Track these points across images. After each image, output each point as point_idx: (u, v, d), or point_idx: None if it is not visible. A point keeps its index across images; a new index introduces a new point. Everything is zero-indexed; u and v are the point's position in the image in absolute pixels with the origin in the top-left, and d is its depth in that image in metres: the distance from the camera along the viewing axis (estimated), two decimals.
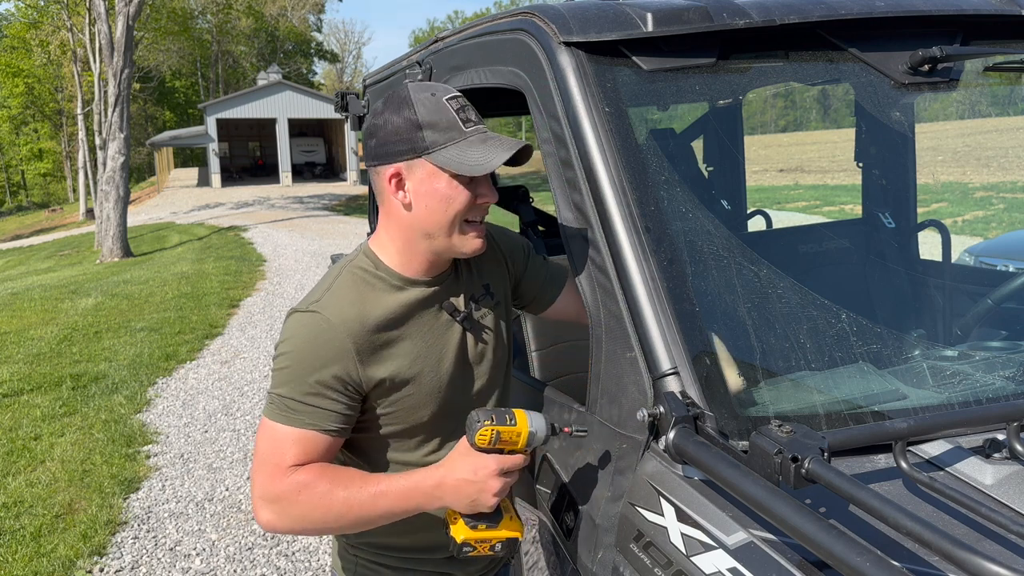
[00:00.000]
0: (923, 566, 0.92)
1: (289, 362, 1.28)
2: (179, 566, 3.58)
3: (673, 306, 1.23)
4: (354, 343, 1.28)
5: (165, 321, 8.80)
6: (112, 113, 16.74)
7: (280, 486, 1.25)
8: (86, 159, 34.81)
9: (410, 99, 1.28)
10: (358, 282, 1.34)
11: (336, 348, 1.27)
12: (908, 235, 2.52)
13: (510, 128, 56.28)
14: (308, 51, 63.49)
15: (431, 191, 1.29)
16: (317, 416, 1.28)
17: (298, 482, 1.25)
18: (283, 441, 1.27)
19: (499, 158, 1.26)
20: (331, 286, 1.34)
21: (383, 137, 1.29)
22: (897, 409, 1.23)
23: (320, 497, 1.24)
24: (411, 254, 1.35)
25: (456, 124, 1.27)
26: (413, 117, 1.27)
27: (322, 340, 1.28)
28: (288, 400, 1.27)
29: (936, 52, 1.46)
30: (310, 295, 1.35)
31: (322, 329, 1.28)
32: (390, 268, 1.35)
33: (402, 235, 1.34)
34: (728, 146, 3.11)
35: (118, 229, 16.84)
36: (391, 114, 1.29)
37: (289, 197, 30.57)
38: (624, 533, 1.20)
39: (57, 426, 5.41)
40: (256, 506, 1.28)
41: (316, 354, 1.27)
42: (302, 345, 1.28)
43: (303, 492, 1.25)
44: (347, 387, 1.29)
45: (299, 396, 1.27)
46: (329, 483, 1.25)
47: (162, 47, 39.40)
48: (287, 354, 1.29)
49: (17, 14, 36.83)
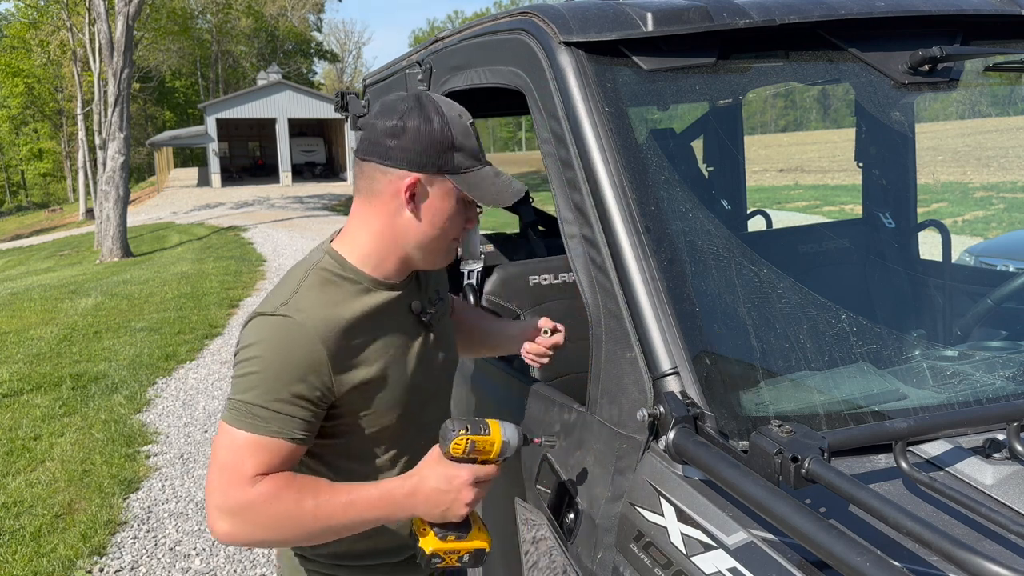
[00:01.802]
0: (923, 566, 0.92)
1: (257, 368, 1.23)
2: (179, 566, 3.58)
3: (673, 306, 1.23)
4: (327, 349, 1.24)
5: (165, 321, 8.80)
6: (112, 113, 16.74)
7: (242, 496, 1.19)
8: (86, 159, 34.80)
9: (443, 114, 1.28)
10: (325, 284, 1.30)
11: (308, 355, 1.23)
12: (908, 235, 2.52)
13: (510, 128, 56.23)
14: (308, 51, 63.49)
15: (441, 209, 1.30)
16: (284, 424, 1.23)
17: (263, 493, 1.19)
18: (244, 449, 1.22)
19: (512, 197, 1.31)
20: (298, 288, 1.29)
21: (411, 143, 1.26)
22: (897, 409, 1.23)
23: (287, 508, 1.19)
24: (387, 257, 1.34)
25: (478, 153, 1.31)
26: (448, 136, 1.27)
27: (294, 347, 1.23)
28: (253, 407, 1.22)
29: (936, 52, 1.46)
30: (273, 297, 1.29)
31: (293, 334, 1.23)
32: (358, 269, 1.33)
33: (387, 239, 1.32)
34: (728, 146, 3.11)
35: (118, 229, 16.84)
36: (422, 122, 1.26)
37: (289, 197, 30.57)
38: (624, 533, 1.20)
39: (57, 426, 5.41)
40: (212, 517, 1.21)
41: (288, 361, 1.22)
42: (272, 352, 1.23)
43: (270, 503, 1.19)
44: (317, 395, 1.25)
45: (266, 403, 1.22)
46: (296, 493, 1.20)
47: (162, 47, 39.39)
48: (254, 359, 1.23)
49: (17, 14, 36.83)
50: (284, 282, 1.33)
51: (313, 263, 1.33)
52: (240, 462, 1.21)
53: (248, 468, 1.21)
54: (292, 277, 1.33)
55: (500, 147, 65.51)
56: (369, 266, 1.33)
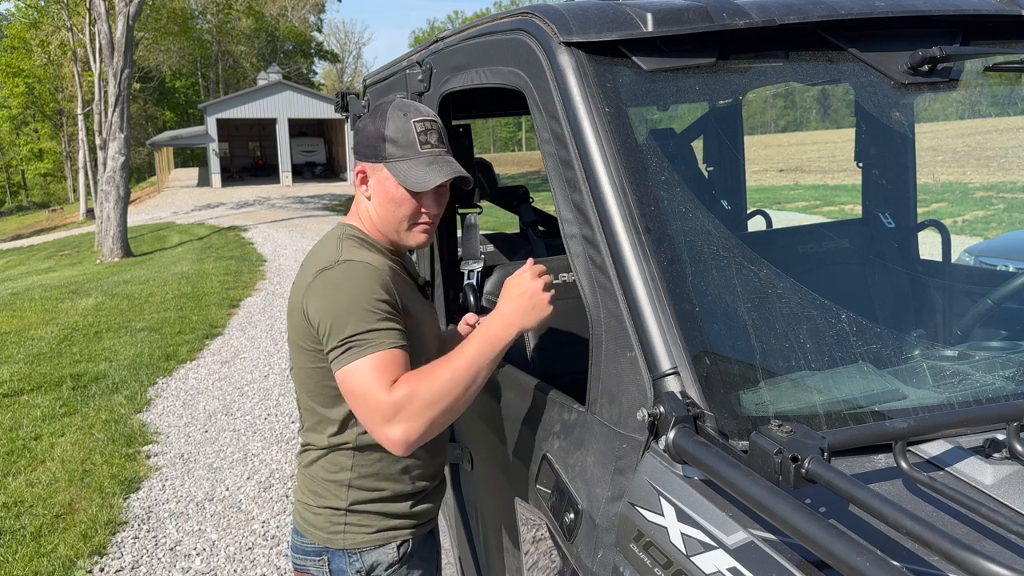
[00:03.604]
0: (923, 566, 0.92)
1: (345, 306, 1.44)
2: (179, 566, 3.58)
3: (673, 306, 1.23)
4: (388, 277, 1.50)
5: (165, 321, 8.80)
6: (112, 113, 16.74)
7: (392, 398, 1.38)
8: (86, 159, 34.81)
9: (385, 114, 1.57)
10: (360, 243, 1.58)
11: (379, 280, 1.48)
12: (908, 235, 2.52)
13: (510, 128, 56.20)
14: (308, 51, 63.51)
15: (384, 192, 1.58)
16: (391, 336, 1.45)
17: (405, 390, 1.39)
18: (372, 371, 1.40)
19: (435, 180, 1.54)
20: (340, 247, 1.55)
21: (359, 139, 1.60)
22: (897, 409, 1.23)
23: (429, 388, 1.39)
24: (376, 232, 1.63)
25: (413, 144, 1.55)
26: (382, 130, 1.56)
27: (364, 277, 1.47)
28: (361, 335, 1.42)
29: (936, 52, 1.46)
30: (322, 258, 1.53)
31: (360, 270, 1.48)
32: (374, 238, 1.62)
33: (368, 218, 1.63)
34: (728, 146, 3.11)
35: (118, 229, 16.84)
36: (369, 121, 1.59)
37: (289, 197, 30.58)
38: (624, 533, 1.20)
39: (57, 426, 5.41)
40: (384, 434, 1.40)
41: (365, 288, 1.45)
42: (349, 289, 1.45)
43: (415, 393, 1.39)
44: (399, 308, 1.50)
45: (369, 326, 1.43)
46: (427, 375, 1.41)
47: (162, 47, 39.41)
48: (339, 301, 1.44)
49: (17, 14, 36.83)
50: (323, 247, 1.59)
51: (341, 233, 1.61)
52: (376, 381, 1.40)
53: (384, 382, 1.40)
54: (329, 244, 1.58)
55: (500, 147, 65.53)
56: (375, 237, 1.62)
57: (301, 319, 1.53)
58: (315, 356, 1.53)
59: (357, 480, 1.61)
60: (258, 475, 4.56)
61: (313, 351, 1.53)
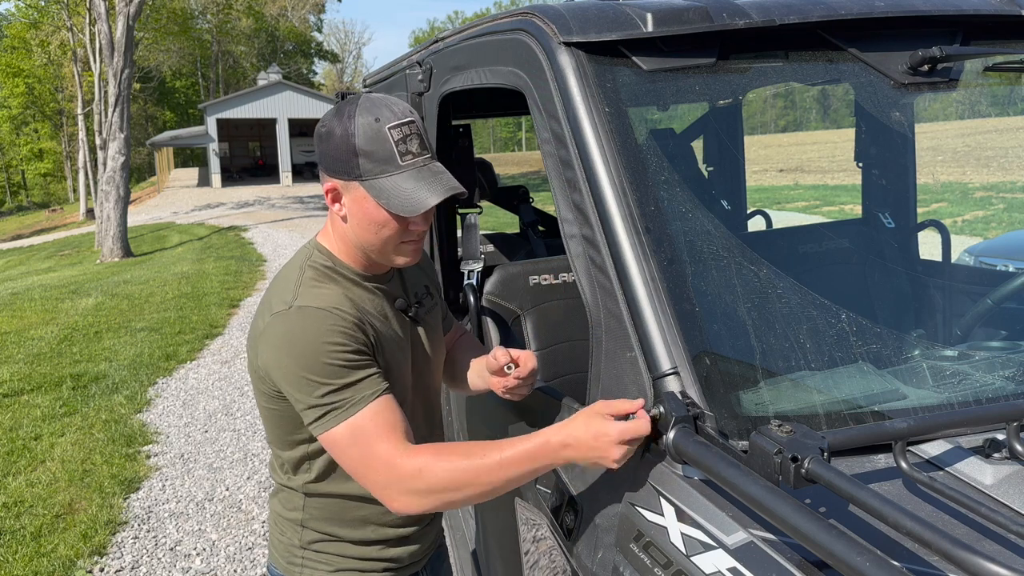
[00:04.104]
0: (923, 566, 0.92)
1: (308, 361, 1.25)
2: (179, 566, 3.58)
3: (673, 306, 1.23)
4: (351, 318, 1.30)
5: (165, 321, 8.80)
6: (112, 113, 16.74)
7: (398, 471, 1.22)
8: (86, 159, 34.81)
9: (353, 119, 1.28)
10: (323, 277, 1.36)
11: (341, 323, 1.28)
12: (908, 235, 2.52)
13: (510, 128, 56.16)
14: (308, 51, 63.52)
15: (362, 213, 1.32)
16: (373, 383, 1.27)
17: (415, 465, 1.22)
18: (365, 429, 1.24)
19: (429, 201, 1.28)
20: (300, 282, 1.33)
21: (325, 148, 1.32)
22: (897, 409, 1.23)
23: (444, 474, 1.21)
24: (353, 255, 1.40)
25: (392, 157, 1.28)
26: (352, 142, 1.27)
27: (326, 323, 1.27)
28: (335, 393, 1.25)
29: (936, 52, 1.46)
30: (278, 297, 1.32)
31: (318, 316, 1.27)
32: (346, 263, 1.39)
33: (343, 239, 1.39)
34: (728, 146, 3.11)
35: (118, 229, 16.84)
36: (336, 124, 1.30)
37: (289, 197, 30.57)
38: (624, 533, 1.20)
39: (57, 426, 5.41)
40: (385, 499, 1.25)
41: (330, 335, 1.26)
42: (310, 338, 1.25)
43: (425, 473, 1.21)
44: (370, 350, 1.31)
45: (345, 381, 1.25)
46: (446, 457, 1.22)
47: (162, 47, 39.43)
48: (297, 357, 1.25)
49: (17, 14, 36.84)
50: (281, 283, 1.36)
51: (304, 260, 1.38)
52: (372, 443, 1.24)
53: (383, 443, 1.23)
54: (288, 276, 1.37)
55: (500, 147, 65.55)
56: (350, 260, 1.40)
57: (257, 367, 1.34)
58: (271, 398, 1.35)
59: (310, 522, 1.47)
60: (258, 475, 4.56)
61: (270, 395, 1.35)
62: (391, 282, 1.46)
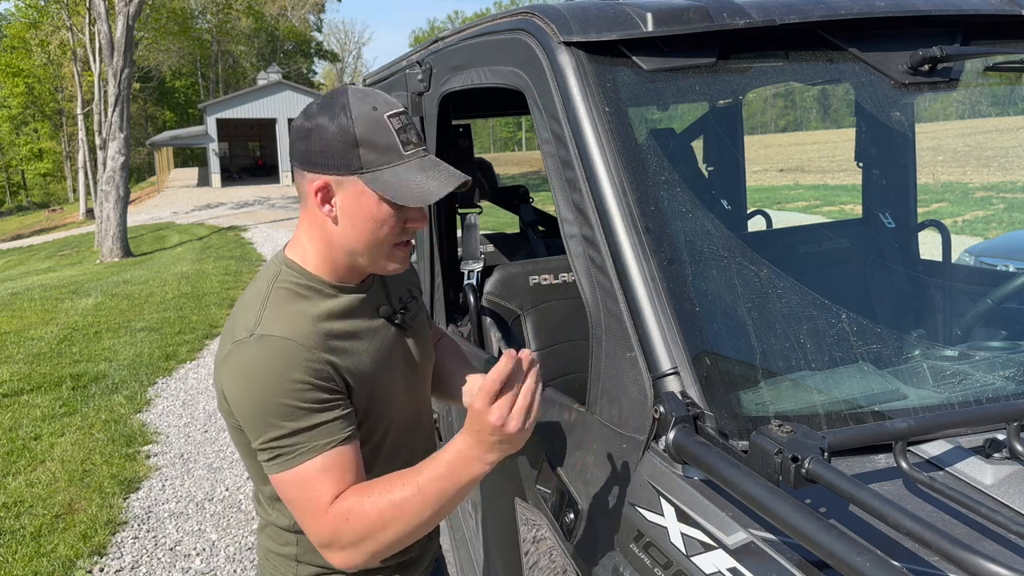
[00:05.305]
0: (923, 566, 0.92)
1: (265, 398, 1.15)
2: (179, 566, 3.58)
3: (673, 306, 1.23)
4: (317, 350, 1.19)
5: (165, 321, 8.80)
6: (112, 113, 16.74)
7: (329, 525, 1.15)
8: (86, 159, 34.81)
9: (349, 110, 1.19)
10: (291, 297, 1.24)
11: (304, 357, 1.17)
12: (908, 235, 2.52)
13: (510, 128, 56.13)
14: (308, 51, 63.54)
15: (360, 210, 1.22)
16: (329, 430, 1.16)
17: (340, 512, 1.14)
18: (310, 480, 1.15)
19: (439, 191, 1.20)
20: (264, 305, 1.22)
21: (315, 145, 1.20)
22: (897, 409, 1.23)
23: (370, 516, 1.13)
24: (335, 263, 1.27)
25: (396, 146, 1.20)
26: (351, 132, 1.18)
27: (286, 358, 1.16)
28: (290, 437, 1.15)
29: (936, 52, 1.46)
30: (241, 323, 1.22)
31: (281, 348, 1.16)
32: (318, 276, 1.27)
33: (325, 245, 1.26)
34: (728, 146, 3.11)
35: (118, 229, 16.84)
36: (326, 120, 1.19)
37: (289, 197, 30.57)
38: (624, 533, 1.20)
39: (57, 426, 5.41)
40: (324, 555, 1.18)
41: (289, 372, 1.15)
42: (270, 373, 1.15)
43: (351, 519, 1.13)
44: (334, 386, 1.19)
45: (298, 425, 1.15)
46: (370, 496, 1.14)
47: (162, 47, 39.45)
48: (255, 393, 1.16)
49: (17, 14, 36.84)
50: (246, 305, 1.25)
51: (272, 278, 1.27)
52: (313, 496, 1.15)
53: (324, 496, 1.15)
54: (253, 297, 1.25)
55: (500, 147, 65.54)
56: (325, 272, 1.28)
57: (219, 394, 1.24)
58: (242, 433, 1.25)
59: (305, 555, 1.37)
60: None
61: (238, 428, 1.25)
62: (371, 289, 1.35)
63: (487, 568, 2.06)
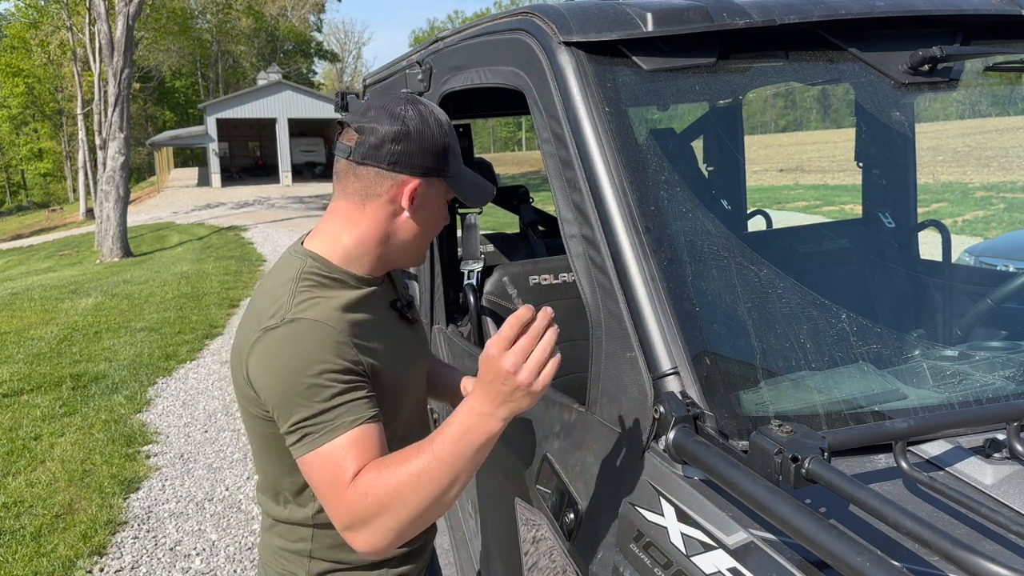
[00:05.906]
0: (923, 566, 0.92)
1: (291, 380, 1.18)
2: (179, 566, 3.58)
3: (673, 306, 1.23)
4: (345, 334, 1.23)
5: (165, 321, 8.80)
6: (112, 113, 16.74)
7: (348, 502, 1.15)
8: (86, 159, 34.82)
9: (438, 118, 1.31)
10: (315, 287, 1.28)
11: (334, 340, 1.21)
12: (908, 235, 2.52)
13: (510, 128, 56.09)
14: (308, 51, 63.56)
15: (435, 209, 1.35)
16: (356, 409, 1.19)
17: (359, 489, 1.14)
18: (336, 457, 1.16)
19: (489, 196, 1.42)
20: (293, 294, 1.25)
21: (416, 147, 1.27)
22: (897, 409, 1.23)
23: (388, 487, 1.13)
24: (366, 256, 1.33)
25: (459, 153, 1.36)
26: (444, 139, 1.31)
27: (317, 339, 1.20)
28: (314, 418, 1.17)
29: (936, 52, 1.46)
30: (269, 311, 1.24)
31: (306, 333, 1.20)
32: (341, 268, 1.32)
33: (375, 239, 1.32)
34: (728, 146, 3.11)
35: (118, 229, 16.84)
36: (418, 123, 1.27)
37: (289, 197, 30.57)
38: (624, 533, 1.20)
39: (57, 426, 5.41)
40: (349, 539, 1.18)
41: (319, 356, 1.19)
42: (294, 356, 1.19)
43: (370, 493, 1.14)
44: (361, 368, 1.23)
45: (327, 404, 1.17)
46: (387, 469, 1.14)
47: (162, 47, 39.46)
48: (283, 374, 1.19)
49: (17, 14, 36.85)
50: (272, 296, 1.28)
51: (297, 270, 1.30)
52: (337, 474, 1.16)
53: (347, 474, 1.16)
54: (279, 288, 1.28)
55: (500, 147, 65.51)
56: (353, 265, 1.33)
57: (245, 384, 1.27)
58: (266, 423, 1.28)
59: (319, 551, 1.39)
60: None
61: (263, 419, 1.28)
62: (385, 283, 1.42)
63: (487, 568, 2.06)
